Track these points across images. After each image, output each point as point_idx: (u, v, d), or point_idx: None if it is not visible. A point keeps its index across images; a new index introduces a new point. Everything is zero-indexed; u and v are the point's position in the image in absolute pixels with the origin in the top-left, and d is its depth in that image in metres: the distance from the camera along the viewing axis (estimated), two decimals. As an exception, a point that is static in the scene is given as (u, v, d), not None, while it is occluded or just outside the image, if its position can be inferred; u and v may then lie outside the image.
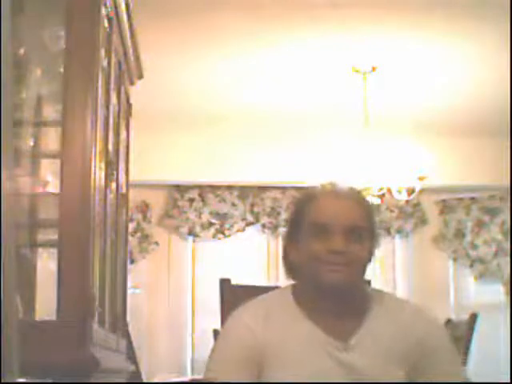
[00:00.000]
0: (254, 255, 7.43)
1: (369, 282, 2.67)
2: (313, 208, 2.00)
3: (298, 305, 2.04)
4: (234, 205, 7.48)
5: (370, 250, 2.02)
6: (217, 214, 7.48)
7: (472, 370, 5.22)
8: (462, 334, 5.06)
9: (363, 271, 2.03)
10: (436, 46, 5.42)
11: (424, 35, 5.25)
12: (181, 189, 7.40)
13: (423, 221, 7.41)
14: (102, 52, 2.89)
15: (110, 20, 3.05)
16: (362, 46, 5.32)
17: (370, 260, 2.04)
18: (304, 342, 1.99)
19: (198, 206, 7.45)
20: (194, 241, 7.56)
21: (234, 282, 3.02)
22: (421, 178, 5.75)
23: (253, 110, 6.41)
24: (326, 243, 1.95)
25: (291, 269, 2.06)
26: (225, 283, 2.78)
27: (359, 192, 2.10)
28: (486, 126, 6.83)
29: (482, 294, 7.30)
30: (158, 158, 6.96)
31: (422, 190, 6.01)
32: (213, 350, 2.06)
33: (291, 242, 2.04)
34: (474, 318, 5.07)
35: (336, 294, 1.99)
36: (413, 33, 5.21)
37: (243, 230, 7.42)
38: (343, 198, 2.01)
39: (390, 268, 7.37)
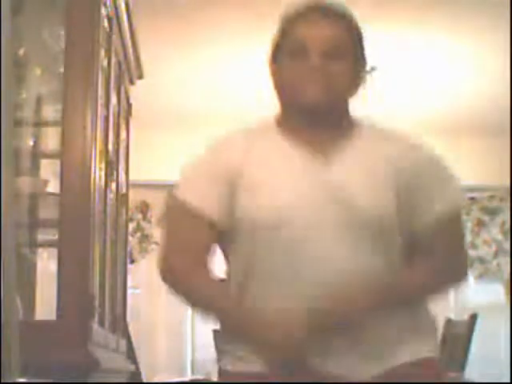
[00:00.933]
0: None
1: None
2: (293, 26, 1.93)
3: (279, 127, 1.96)
4: (233, 205, 7.47)
5: (352, 70, 1.93)
6: (217, 214, 7.47)
7: (472, 370, 5.22)
8: (461, 334, 5.06)
9: (345, 92, 1.94)
10: (435, 45, 5.42)
11: (424, 35, 5.25)
12: (181, 189, 7.39)
13: (423, 221, 7.41)
14: (102, 52, 2.89)
15: (109, 20, 3.05)
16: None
17: (354, 84, 1.95)
18: (282, 160, 1.92)
19: (197, 205, 7.44)
20: (194, 241, 7.55)
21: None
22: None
23: (253, 109, 6.41)
24: (304, 61, 1.89)
25: (277, 91, 1.98)
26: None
27: (347, 10, 1.96)
28: (486, 126, 6.83)
29: (482, 294, 7.30)
30: (158, 158, 6.95)
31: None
32: (186, 165, 1.98)
33: (274, 62, 1.97)
34: (473, 318, 5.07)
35: (316, 112, 1.91)
36: (413, 32, 5.21)
37: (243, 229, 7.42)
38: (326, 16, 1.92)
39: (390, 268, 7.37)
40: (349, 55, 1.92)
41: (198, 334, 7.20)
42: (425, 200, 1.92)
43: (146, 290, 7.29)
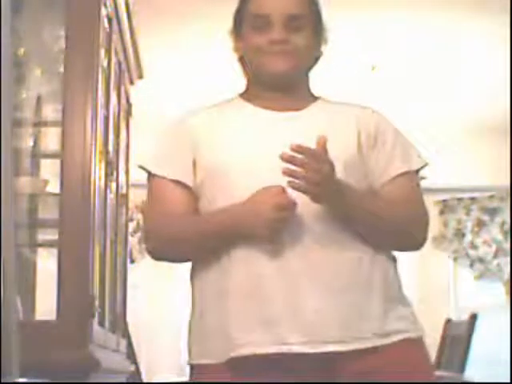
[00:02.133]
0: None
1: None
2: (252, 0, 1.98)
3: (243, 97, 2.02)
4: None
5: (314, 42, 1.98)
6: (217, 214, 7.48)
7: (472, 371, 5.22)
8: (461, 334, 5.06)
9: (307, 63, 2.00)
10: (434, 45, 5.42)
11: (424, 34, 5.25)
12: (181, 189, 7.40)
13: (423, 221, 7.41)
14: (102, 52, 2.89)
15: (109, 20, 3.05)
16: (361, 44, 5.33)
17: (316, 55, 2.01)
18: (246, 117, 1.96)
19: (197, 206, 7.45)
20: (194, 241, 7.56)
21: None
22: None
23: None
24: (266, 34, 1.93)
25: (241, 64, 2.03)
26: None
27: None
28: (486, 125, 6.83)
29: (482, 293, 7.30)
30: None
31: (422, 190, 6.00)
32: (157, 142, 2.03)
33: (236, 36, 2.02)
34: (473, 318, 5.07)
35: (279, 83, 1.96)
36: (413, 31, 5.22)
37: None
38: None
39: (390, 268, 7.37)
40: (309, 27, 1.97)
41: (198, 334, 7.20)
42: (384, 160, 1.96)
43: (146, 290, 7.30)
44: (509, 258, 7.08)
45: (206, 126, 1.97)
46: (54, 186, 2.79)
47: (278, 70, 1.93)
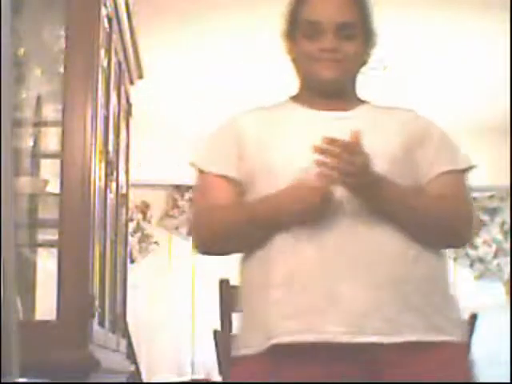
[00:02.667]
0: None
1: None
2: (305, 5, 2.00)
3: (294, 99, 2.05)
4: (233, 205, 7.47)
5: (363, 49, 2.01)
6: (217, 214, 7.47)
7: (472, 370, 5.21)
8: (461, 334, 5.06)
9: (356, 70, 2.03)
10: (434, 44, 5.42)
11: (423, 34, 5.25)
12: (181, 189, 7.39)
13: (423, 221, 7.41)
14: (102, 52, 2.89)
15: (109, 20, 3.05)
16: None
17: (364, 60, 2.04)
18: (297, 118, 1.99)
19: (198, 205, 7.44)
20: (194, 241, 7.55)
21: (233, 282, 3.03)
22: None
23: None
24: (318, 41, 1.95)
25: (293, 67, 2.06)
26: (224, 284, 2.77)
27: None
28: (486, 125, 6.82)
29: (482, 293, 7.29)
30: (158, 158, 6.95)
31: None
32: (207, 138, 2.06)
33: (289, 40, 2.03)
34: (473, 318, 5.06)
35: (328, 89, 1.99)
36: (412, 31, 5.22)
37: (243, 229, 7.41)
38: None
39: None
40: (360, 34, 2.00)
41: (198, 334, 7.21)
42: (430, 158, 1.98)
43: (146, 290, 7.29)
44: (509, 258, 7.08)
45: (255, 124, 2.00)
46: (54, 186, 2.79)
47: (328, 78, 1.96)
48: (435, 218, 1.91)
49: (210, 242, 1.97)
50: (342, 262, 1.82)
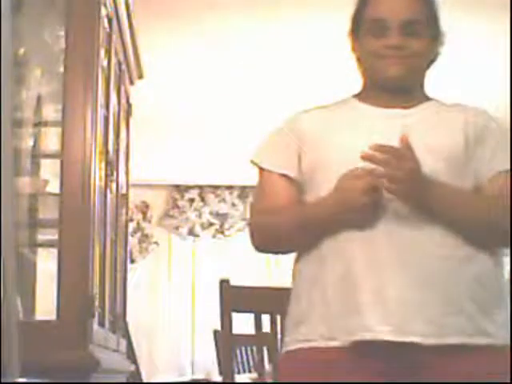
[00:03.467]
0: (254, 255, 7.43)
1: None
2: (370, 3, 2.01)
3: (357, 99, 2.05)
4: (233, 205, 7.48)
5: (430, 46, 2.03)
6: (217, 214, 7.49)
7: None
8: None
9: (422, 67, 2.05)
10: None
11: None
12: (181, 189, 7.40)
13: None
14: (102, 52, 2.89)
15: (109, 20, 3.05)
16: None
17: (432, 57, 2.07)
18: (355, 119, 2.00)
19: (197, 205, 7.45)
20: (193, 241, 7.56)
21: (233, 282, 3.03)
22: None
23: (253, 109, 6.42)
24: (383, 39, 1.96)
25: (358, 65, 2.07)
26: (224, 284, 2.77)
27: None
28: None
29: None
30: (158, 158, 6.96)
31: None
32: (266, 135, 2.08)
33: (354, 38, 2.04)
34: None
35: (393, 86, 1.99)
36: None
37: (243, 229, 7.42)
38: None
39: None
40: (425, 32, 2.00)
41: (198, 334, 7.21)
42: (488, 157, 1.97)
43: (146, 290, 7.30)
44: (509, 258, 7.07)
45: (315, 123, 2.01)
46: (54, 186, 2.79)
47: (393, 75, 1.97)
48: (488, 221, 1.90)
49: (266, 243, 2.01)
50: (391, 263, 1.82)
